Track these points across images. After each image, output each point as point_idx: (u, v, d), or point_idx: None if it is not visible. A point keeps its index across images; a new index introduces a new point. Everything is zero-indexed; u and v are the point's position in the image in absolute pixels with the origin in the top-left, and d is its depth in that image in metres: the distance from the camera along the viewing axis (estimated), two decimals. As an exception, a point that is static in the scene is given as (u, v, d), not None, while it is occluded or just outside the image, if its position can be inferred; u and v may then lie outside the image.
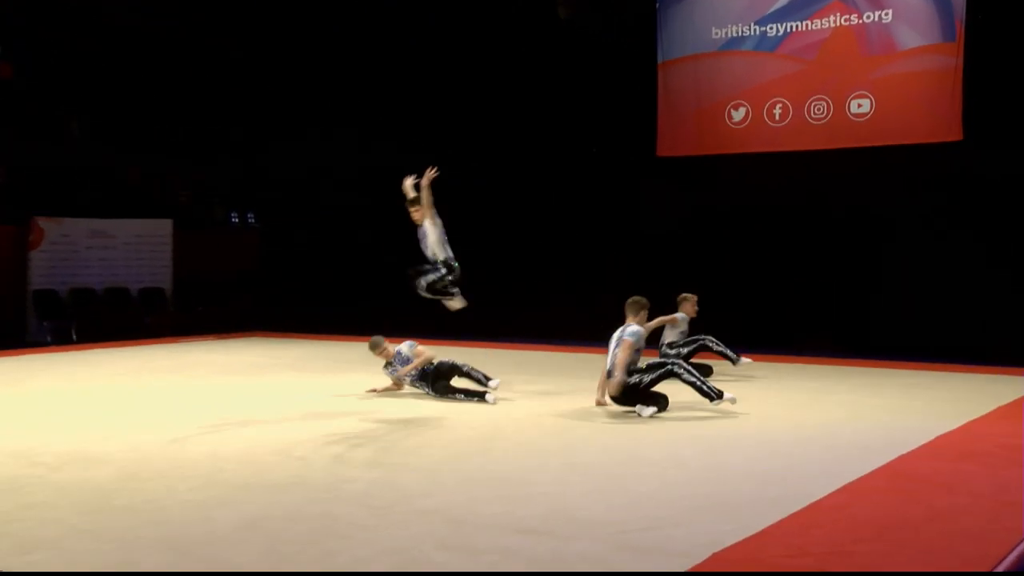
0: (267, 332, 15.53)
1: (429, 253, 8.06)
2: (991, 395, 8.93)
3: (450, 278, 8.04)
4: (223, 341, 14.48)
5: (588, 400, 8.71)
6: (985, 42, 11.46)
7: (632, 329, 8.02)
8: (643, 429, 7.43)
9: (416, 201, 8.07)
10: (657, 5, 13.45)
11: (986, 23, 11.43)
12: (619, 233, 14.07)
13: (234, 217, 17.33)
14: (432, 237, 8.04)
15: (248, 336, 15.16)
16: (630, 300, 8.26)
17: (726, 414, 8.03)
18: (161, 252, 15.58)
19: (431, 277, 8.01)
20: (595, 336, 13.69)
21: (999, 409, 8.21)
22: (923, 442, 6.80)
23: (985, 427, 7.43)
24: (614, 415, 8.00)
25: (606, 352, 8.13)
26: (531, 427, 7.54)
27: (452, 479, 5.87)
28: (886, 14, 12.01)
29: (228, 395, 9.30)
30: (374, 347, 9.16)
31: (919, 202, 12.04)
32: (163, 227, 15.60)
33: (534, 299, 14.59)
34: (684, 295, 10.24)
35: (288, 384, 10.09)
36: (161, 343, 13.91)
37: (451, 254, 8.08)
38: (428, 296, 8.14)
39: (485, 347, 13.38)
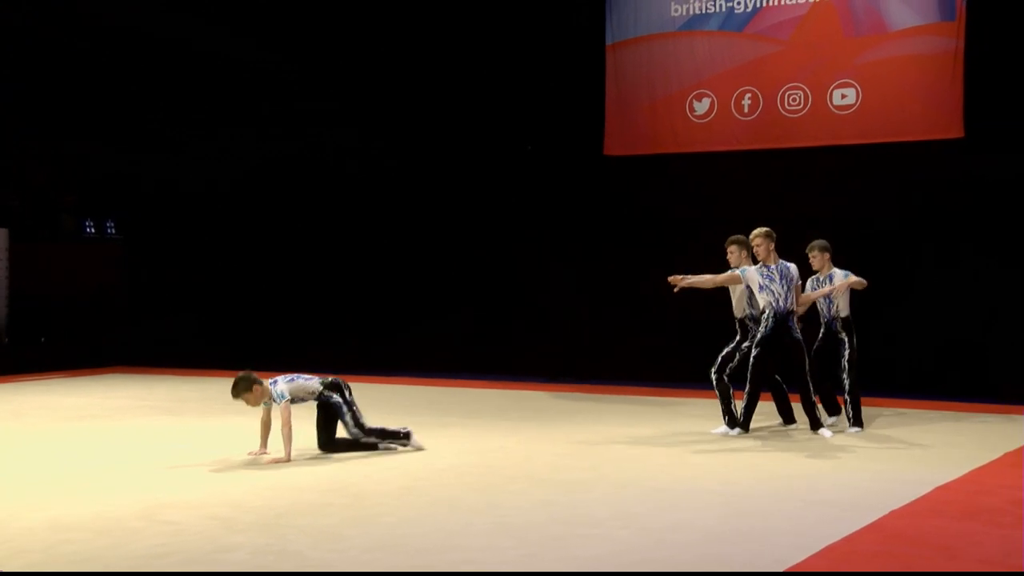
0: (129, 367, 15.29)
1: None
2: (998, 437, 9.15)
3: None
4: (73, 379, 14.19)
5: (522, 447, 8.72)
6: (989, 22, 11.77)
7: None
8: (587, 480, 7.46)
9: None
10: (605, -25, 13.62)
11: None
12: (557, 248, 14.18)
13: (89, 227, 17.00)
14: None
15: (105, 372, 14.91)
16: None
17: (686, 462, 8.11)
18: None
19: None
20: (523, 368, 14.13)
21: (1007, 456, 8.40)
22: (920, 495, 6.92)
23: (992, 477, 7.60)
24: (553, 462, 8.02)
25: (547, 389, 8.15)
26: (453, 480, 7.52)
27: (358, 545, 5.82)
28: (874, -12, 12.30)
29: (78, 446, 9.12)
30: (242, 389, 8.26)
31: (913, 210, 12.32)
32: (-7, 238, 15.28)
33: (450, 324, 14.67)
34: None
35: (155, 431, 9.94)
36: (-6, 382, 13.61)
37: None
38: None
39: (387, 382, 13.36)
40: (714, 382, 9.57)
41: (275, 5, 15.12)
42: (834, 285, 9.62)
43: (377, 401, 11.84)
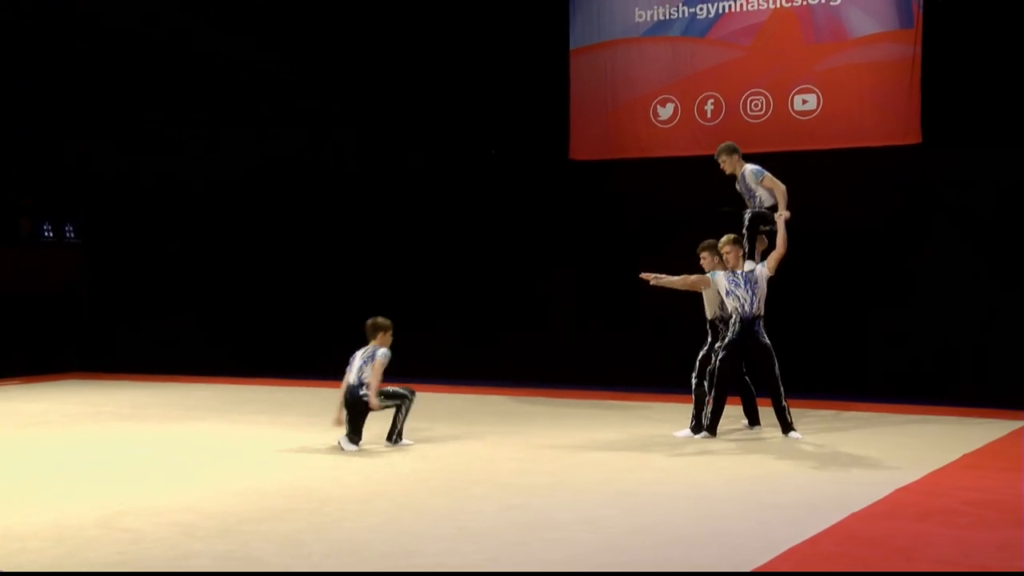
0: (88, 373, 15.19)
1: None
2: (954, 440, 9.30)
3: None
4: (28, 385, 14.07)
5: (484, 451, 8.76)
6: (945, 30, 11.95)
7: None
8: (551, 484, 7.51)
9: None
10: (569, -20, 13.69)
11: (945, 6, 11.93)
12: (520, 252, 14.23)
13: (47, 231, 16.84)
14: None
15: (63, 378, 14.78)
16: None
17: (650, 465, 8.18)
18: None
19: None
20: (487, 373, 14.16)
21: (964, 458, 8.55)
22: (878, 498, 7.03)
23: (949, 479, 7.73)
24: (515, 467, 8.06)
25: (510, 392, 8.22)
26: (416, 485, 7.55)
27: (320, 551, 5.83)
28: (834, -6, 12.45)
29: (36, 453, 9.05)
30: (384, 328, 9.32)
31: (873, 215, 12.47)
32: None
33: (411, 327, 14.65)
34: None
35: (114, 437, 9.88)
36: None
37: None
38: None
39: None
40: (693, 386, 9.65)
41: (275, 5, 15.01)
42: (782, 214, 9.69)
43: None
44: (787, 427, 9.47)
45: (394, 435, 9.21)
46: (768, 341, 9.43)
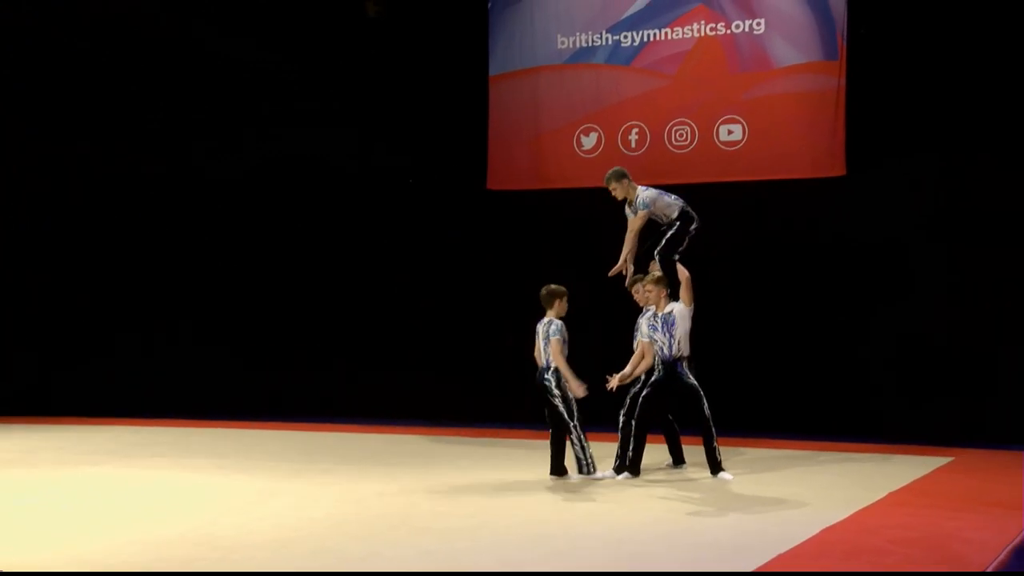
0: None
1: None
2: (882, 477, 9.51)
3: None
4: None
5: (401, 494, 8.74)
6: (869, 61, 12.32)
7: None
8: (470, 528, 7.51)
9: None
10: (489, 5, 13.80)
11: (869, 38, 12.29)
12: (436, 286, 14.26)
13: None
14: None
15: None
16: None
17: (572, 507, 8.23)
18: None
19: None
20: (399, 410, 14.08)
21: (891, 496, 8.73)
22: (806, 537, 7.13)
23: (876, 518, 7.89)
24: (433, 510, 8.07)
25: (426, 432, 8.24)
26: (330, 530, 7.49)
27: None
28: (758, 24, 12.68)
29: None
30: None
31: (797, 248, 12.74)
32: None
33: (321, 365, 14.65)
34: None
35: (1, 484, 9.61)
36: None
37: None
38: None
39: (253, 427, 13.24)
40: (620, 424, 9.75)
41: (275, 5, 14.87)
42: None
43: (245, 447, 11.76)
44: (716, 468, 9.60)
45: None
46: (694, 381, 9.56)
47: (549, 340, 9.38)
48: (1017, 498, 8.51)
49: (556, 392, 9.34)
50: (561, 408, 9.34)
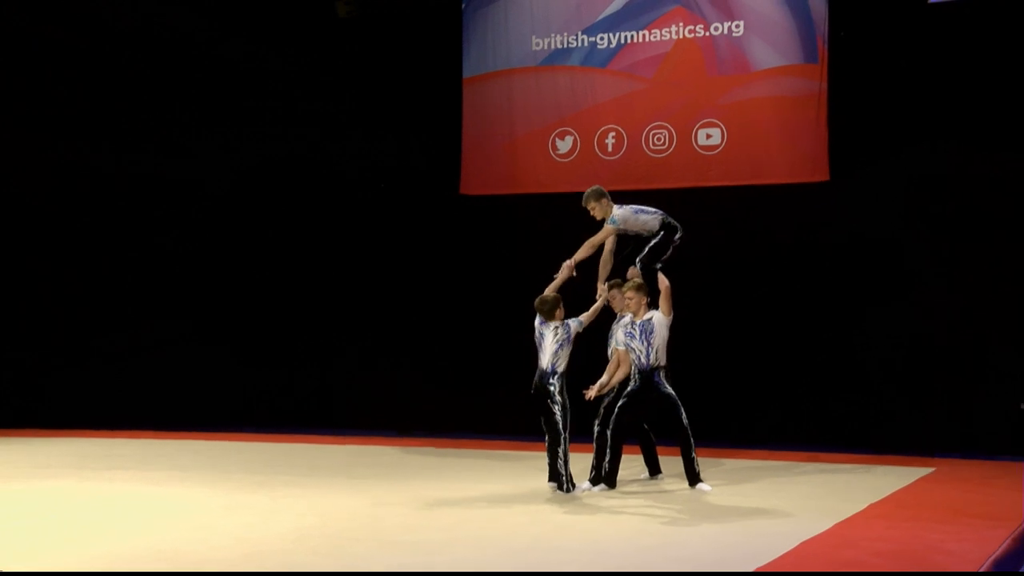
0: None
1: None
2: (863, 489, 9.46)
3: None
4: None
5: (370, 507, 8.64)
6: (850, 64, 12.30)
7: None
8: (441, 542, 7.42)
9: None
10: (463, 5, 13.72)
11: (849, 41, 12.28)
12: (406, 293, 14.16)
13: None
14: None
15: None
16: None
17: (547, 520, 8.15)
18: None
19: None
20: (370, 421, 14.00)
21: (871, 507, 8.69)
22: (786, 550, 7.08)
23: (857, 529, 7.85)
24: (404, 523, 7.97)
25: (397, 443, 8.14)
26: (296, 545, 7.38)
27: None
28: (737, 26, 12.60)
29: None
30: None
31: (778, 254, 12.70)
32: None
33: (288, 373, 14.54)
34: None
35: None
36: None
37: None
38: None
39: (219, 439, 13.11)
40: (595, 434, 9.67)
41: (275, 5, 14.76)
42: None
43: (208, 460, 11.61)
44: (695, 479, 9.53)
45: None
46: (671, 391, 9.50)
47: (569, 339, 9.28)
48: (999, 509, 8.51)
49: (558, 399, 9.22)
50: (558, 416, 9.22)
